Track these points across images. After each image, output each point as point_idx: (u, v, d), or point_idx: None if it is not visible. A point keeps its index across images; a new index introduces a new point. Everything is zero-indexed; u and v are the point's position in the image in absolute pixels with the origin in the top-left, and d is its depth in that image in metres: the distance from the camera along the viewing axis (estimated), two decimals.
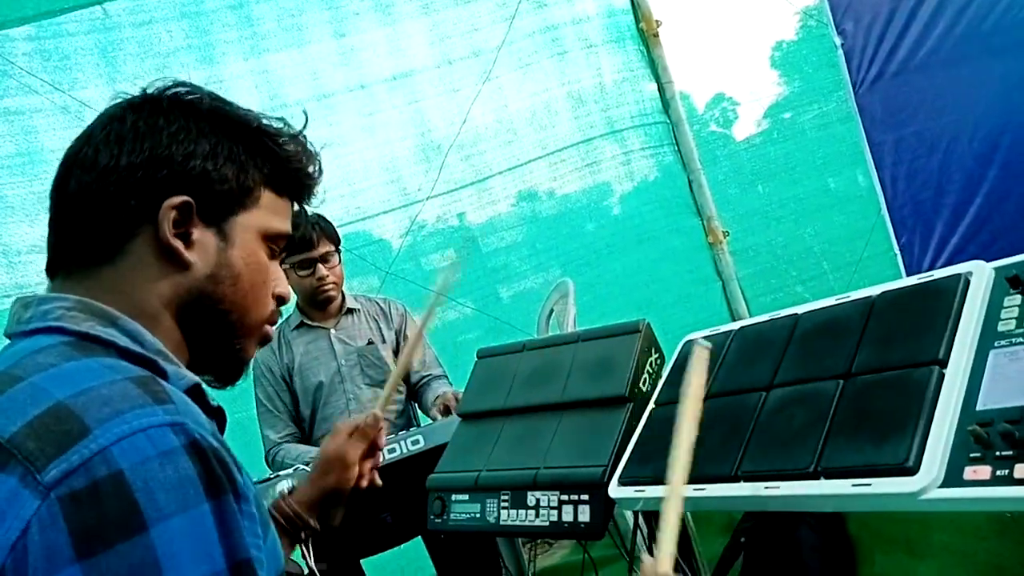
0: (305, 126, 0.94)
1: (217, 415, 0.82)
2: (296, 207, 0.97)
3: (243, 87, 3.66)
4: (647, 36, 4.31)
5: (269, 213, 0.89)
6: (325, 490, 1.31)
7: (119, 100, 0.85)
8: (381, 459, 1.37)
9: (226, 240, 0.85)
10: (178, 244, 0.81)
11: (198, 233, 0.82)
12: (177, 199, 0.80)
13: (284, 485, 1.33)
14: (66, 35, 3.37)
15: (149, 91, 0.85)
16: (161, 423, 0.64)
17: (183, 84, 0.86)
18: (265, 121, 0.90)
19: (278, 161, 0.89)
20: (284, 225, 0.91)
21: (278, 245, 0.92)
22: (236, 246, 0.85)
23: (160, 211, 0.80)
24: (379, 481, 1.35)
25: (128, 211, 0.79)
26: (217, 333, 0.86)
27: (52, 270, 0.82)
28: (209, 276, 0.83)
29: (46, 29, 3.34)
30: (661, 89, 4.34)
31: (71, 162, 0.81)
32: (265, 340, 0.93)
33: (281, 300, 0.93)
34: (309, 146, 0.93)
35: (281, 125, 0.91)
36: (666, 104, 4.35)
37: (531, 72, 4.16)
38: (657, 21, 4.31)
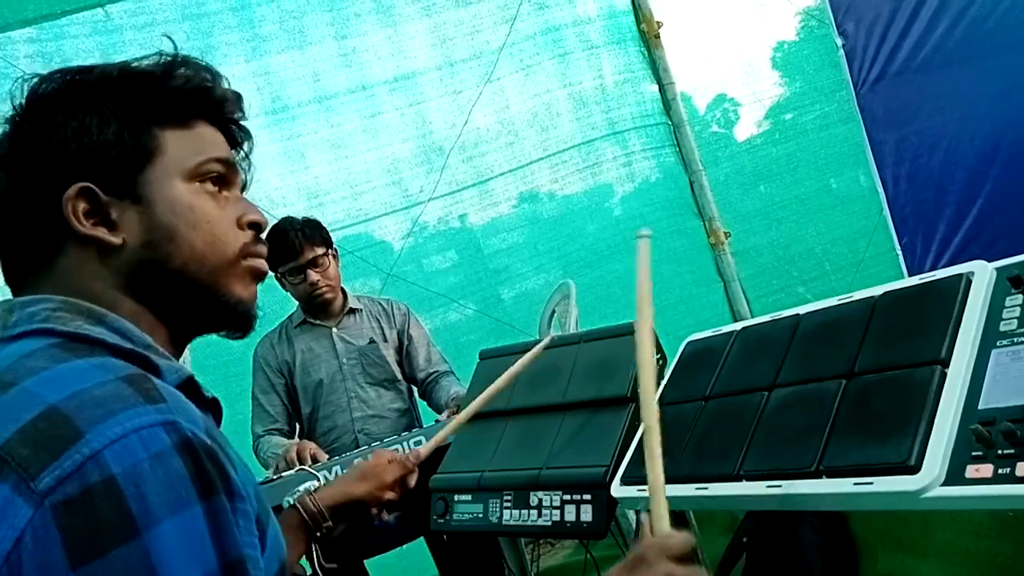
0: (178, 49, 0.85)
1: (212, 407, 0.81)
2: (235, 133, 0.90)
3: (245, 89, 3.60)
4: (648, 37, 4.32)
5: (182, 151, 0.82)
6: (352, 497, 1.34)
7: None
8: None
9: (143, 203, 0.79)
10: (98, 232, 0.77)
11: (115, 210, 0.78)
12: (73, 189, 0.77)
13: (311, 484, 1.37)
14: (67, 37, 3.38)
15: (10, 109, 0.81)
16: (153, 423, 0.63)
17: (35, 78, 0.81)
18: (133, 64, 0.82)
19: (161, 95, 0.82)
20: (209, 152, 0.84)
21: (220, 173, 0.85)
22: (157, 203, 0.80)
23: (63, 209, 0.76)
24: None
25: (41, 220, 0.77)
26: (186, 293, 0.82)
27: (7, 279, 0.81)
28: (144, 245, 0.79)
29: (47, 31, 3.35)
30: (662, 90, 4.35)
31: None
32: (257, 274, 0.88)
33: (256, 226, 0.88)
34: (188, 61, 0.84)
35: (153, 59, 0.83)
36: (667, 105, 4.35)
37: (532, 74, 4.16)
38: (658, 22, 4.31)
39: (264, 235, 0.90)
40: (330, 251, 2.68)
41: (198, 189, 0.83)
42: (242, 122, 0.92)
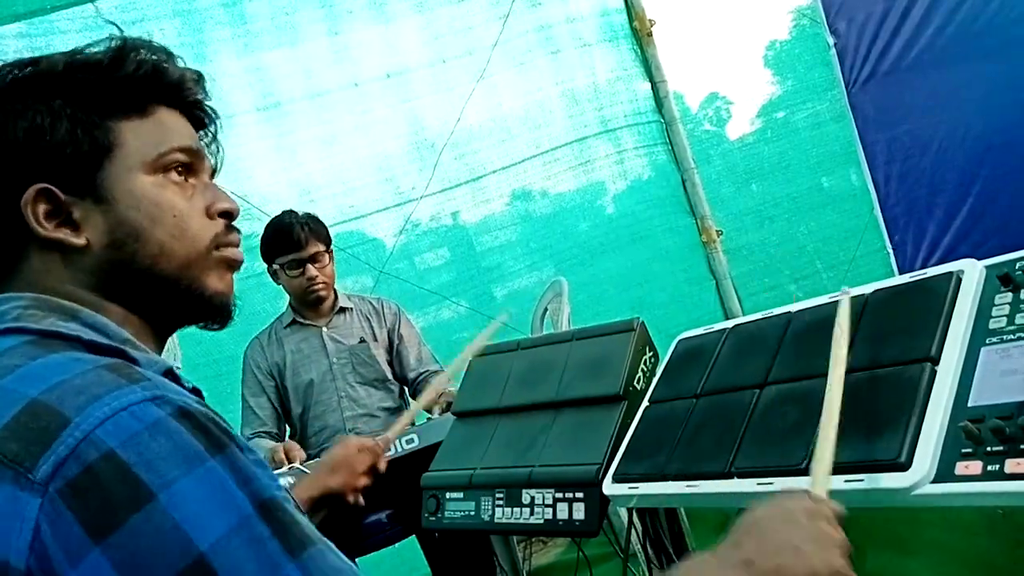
0: (124, 34, 0.81)
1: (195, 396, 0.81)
2: (202, 116, 0.86)
3: (236, 85, 3.66)
4: (641, 35, 4.32)
5: (142, 142, 0.78)
6: (328, 490, 1.34)
7: None
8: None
9: (105, 201, 0.76)
10: (61, 235, 0.75)
11: (77, 210, 0.75)
12: (31, 192, 0.74)
13: (285, 481, 1.38)
14: (58, 32, 3.35)
15: None
16: (141, 399, 0.61)
17: None
18: (81, 54, 0.78)
19: (113, 84, 0.78)
20: (171, 141, 0.80)
21: (184, 162, 0.82)
22: (119, 200, 0.77)
23: (23, 212, 0.73)
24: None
25: (1, 225, 0.74)
26: (158, 290, 0.79)
27: None
28: (109, 245, 0.76)
29: (37, 27, 3.32)
30: (655, 88, 4.35)
31: None
32: (231, 263, 0.85)
33: (227, 215, 0.84)
34: (139, 45, 0.80)
35: (102, 46, 0.79)
36: (660, 103, 4.35)
37: (525, 71, 4.16)
38: (651, 20, 4.32)
39: (235, 221, 0.86)
40: (329, 250, 2.68)
41: (162, 181, 0.80)
42: (206, 102, 0.88)
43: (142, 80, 0.79)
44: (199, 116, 0.88)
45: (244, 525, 0.59)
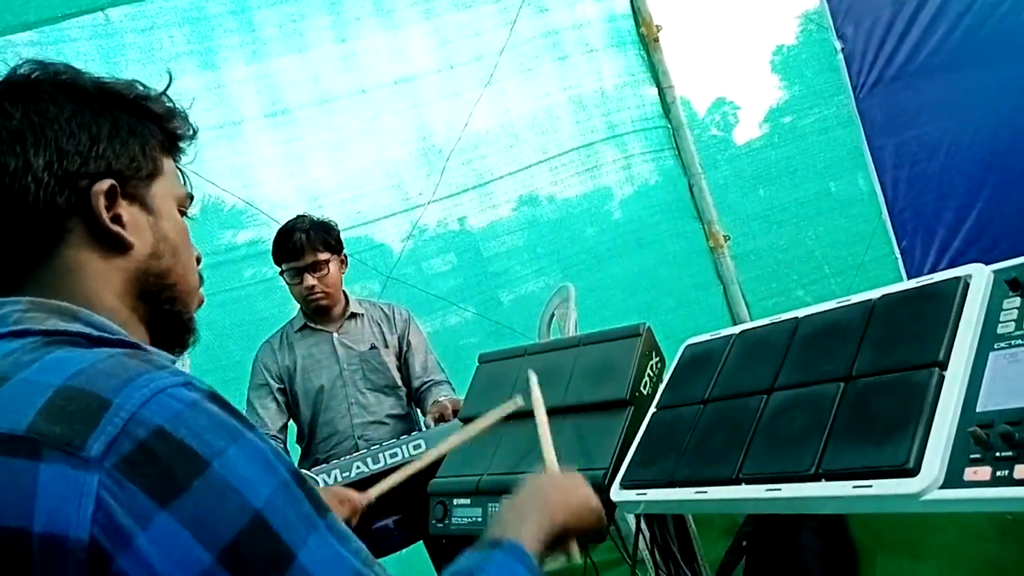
0: (168, 86, 0.91)
1: None
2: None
3: (245, 92, 3.68)
4: (648, 41, 4.32)
5: (172, 178, 0.88)
6: None
7: None
8: None
9: (153, 213, 0.84)
10: (118, 229, 0.79)
11: (127, 213, 0.81)
12: (104, 184, 0.79)
13: None
14: (68, 41, 3.38)
15: (13, 76, 0.80)
16: (174, 384, 0.66)
17: (37, 64, 0.81)
18: (140, 88, 0.87)
19: (162, 124, 0.88)
20: (184, 187, 0.92)
21: (186, 207, 0.92)
22: (163, 217, 0.85)
23: (91, 201, 0.78)
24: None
25: (53, 209, 0.76)
26: (170, 307, 0.86)
27: None
28: (151, 253, 0.83)
29: (48, 35, 3.35)
30: (662, 93, 4.35)
31: None
32: (201, 304, 0.94)
33: (198, 261, 0.94)
34: (177, 104, 0.91)
35: (146, 89, 0.88)
36: (667, 108, 4.35)
37: (532, 76, 4.17)
38: (658, 26, 4.32)
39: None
40: (335, 256, 2.67)
41: (180, 216, 0.90)
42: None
43: (184, 136, 0.91)
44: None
45: (284, 486, 0.67)
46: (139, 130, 0.84)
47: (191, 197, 0.92)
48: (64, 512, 0.59)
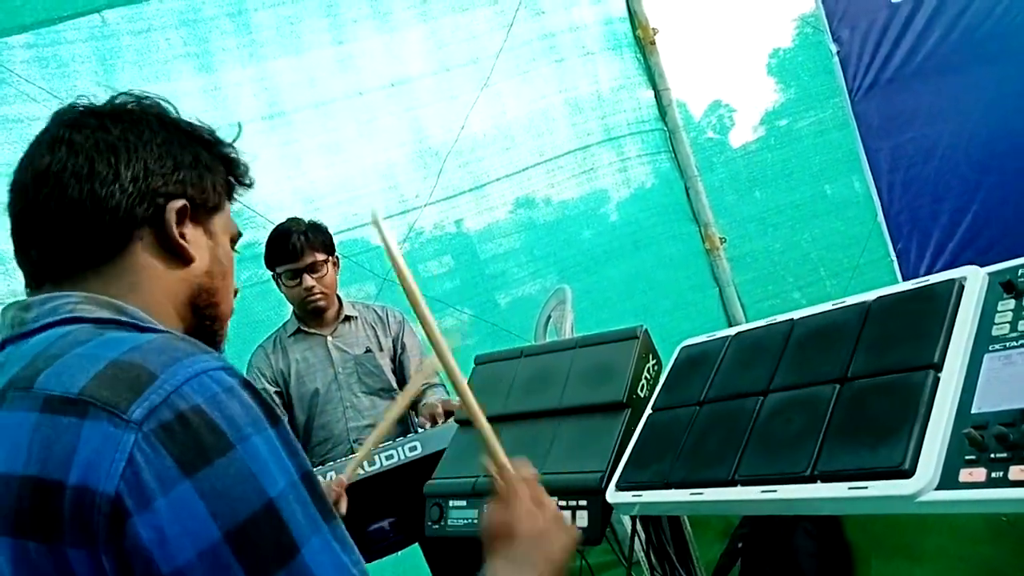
0: (237, 137, 1.02)
1: None
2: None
3: (241, 94, 3.67)
4: (644, 44, 4.33)
5: (228, 216, 0.98)
6: None
7: (74, 108, 0.89)
8: None
9: (213, 238, 0.94)
10: (184, 243, 0.88)
11: (191, 234, 0.90)
12: (178, 203, 0.88)
13: None
14: (64, 43, 3.37)
15: (116, 102, 0.92)
16: (216, 367, 0.72)
17: (138, 96, 0.93)
18: (217, 134, 0.98)
19: (230, 168, 0.99)
20: (236, 227, 1.01)
21: (234, 244, 1.01)
22: (221, 244, 0.95)
23: (165, 215, 0.87)
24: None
25: (131, 216, 0.85)
26: (210, 324, 0.94)
27: (38, 280, 0.86)
28: (207, 272, 0.92)
29: (44, 37, 3.34)
30: (658, 96, 4.36)
31: (53, 173, 0.84)
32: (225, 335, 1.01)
33: (235, 293, 1.02)
34: (242, 156, 1.02)
35: (220, 136, 0.99)
36: (663, 111, 4.36)
37: (529, 79, 4.17)
38: (654, 29, 4.33)
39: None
40: (331, 258, 2.67)
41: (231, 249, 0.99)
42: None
43: (241, 185, 1.01)
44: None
45: (294, 486, 0.71)
46: (213, 167, 0.94)
47: (240, 235, 1.02)
48: (98, 465, 0.65)
